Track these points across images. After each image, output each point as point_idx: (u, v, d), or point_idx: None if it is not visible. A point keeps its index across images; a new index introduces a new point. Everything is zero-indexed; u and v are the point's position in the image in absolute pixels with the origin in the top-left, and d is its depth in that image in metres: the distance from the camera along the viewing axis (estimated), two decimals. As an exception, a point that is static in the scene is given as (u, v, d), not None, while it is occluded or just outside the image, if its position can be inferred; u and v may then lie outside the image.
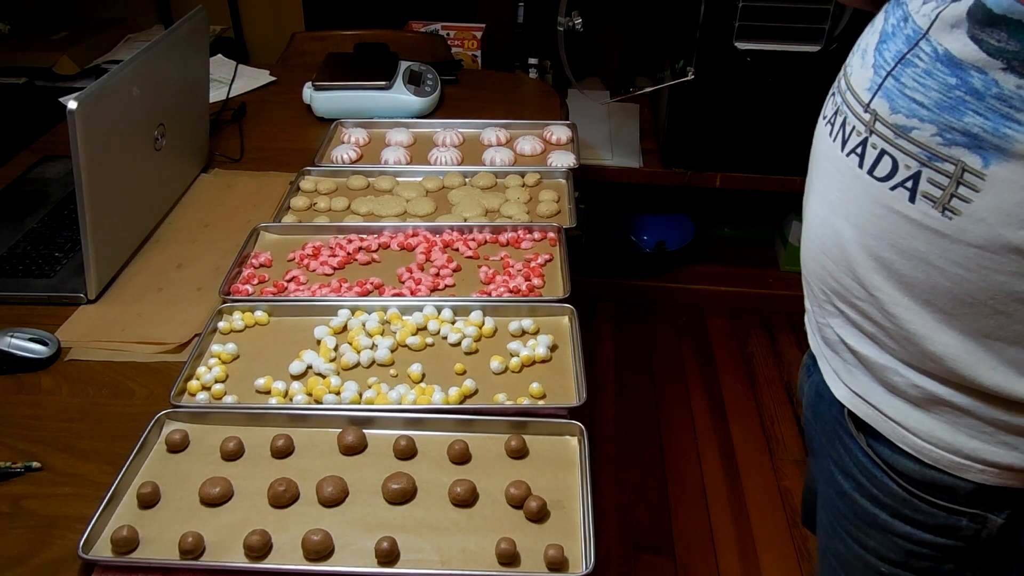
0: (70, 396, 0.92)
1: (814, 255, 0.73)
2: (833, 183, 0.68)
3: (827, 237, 0.69)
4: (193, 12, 1.28)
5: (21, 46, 2.23)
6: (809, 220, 0.74)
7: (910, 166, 0.61)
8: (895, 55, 0.62)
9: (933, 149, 0.59)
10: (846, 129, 0.67)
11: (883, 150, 0.63)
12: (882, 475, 0.72)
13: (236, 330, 1.00)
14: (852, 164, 0.66)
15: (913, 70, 0.60)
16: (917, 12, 0.61)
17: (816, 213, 0.71)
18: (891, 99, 0.62)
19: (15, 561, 0.73)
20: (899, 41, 0.62)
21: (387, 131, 1.48)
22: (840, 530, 0.79)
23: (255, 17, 2.52)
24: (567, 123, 1.48)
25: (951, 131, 0.58)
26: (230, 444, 0.83)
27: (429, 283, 1.07)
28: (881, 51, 0.64)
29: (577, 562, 0.72)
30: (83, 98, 0.96)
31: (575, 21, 1.95)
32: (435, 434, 0.85)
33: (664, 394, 2.15)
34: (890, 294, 0.65)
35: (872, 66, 0.64)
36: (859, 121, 0.65)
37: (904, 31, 0.61)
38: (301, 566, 0.72)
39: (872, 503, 0.74)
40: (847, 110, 0.67)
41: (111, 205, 1.07)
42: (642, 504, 1.85)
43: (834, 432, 0.78)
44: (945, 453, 0.68)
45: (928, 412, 0.68)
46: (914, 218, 0.61)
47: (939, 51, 0.58)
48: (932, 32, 0.59)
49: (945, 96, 0.58)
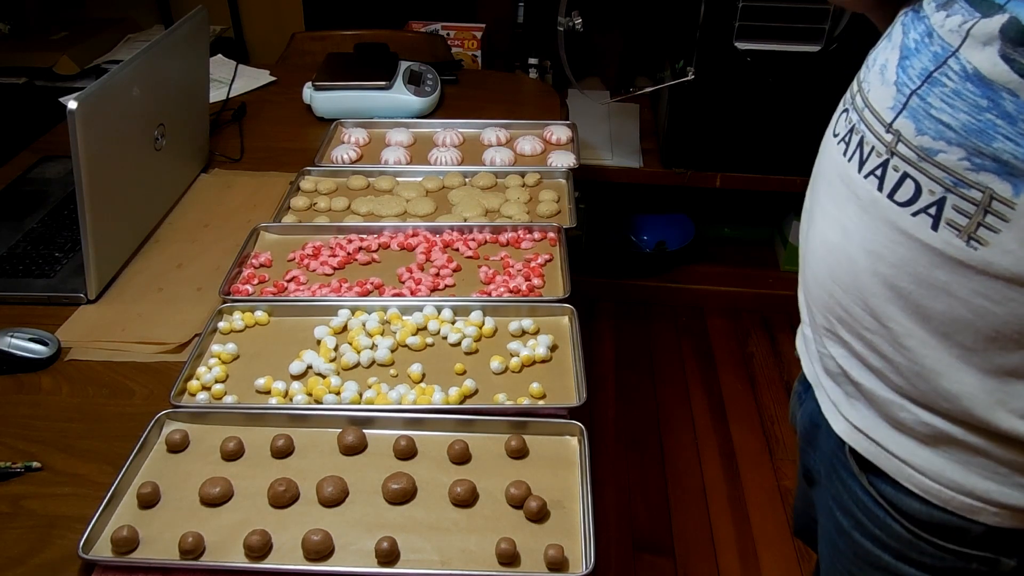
0: (70, 396, 0.92)
1: (820, 281, 0.69)
2: (847, 206, 0.64)
3: (837, 263, 0.66)
4: (193, 12, 1.28)
5: (21, 46, 2.23)
6: (814, 243, 0.69)
7: (934, 191, 0.57)
8: (920, 73, 0.58)
9: (960, 174, 0.56)
10: (864, 149, 0.63)
11: (905, 173, 0.59)
12: (885, 516, 0.69)
13: (236, 330, 1.00)
14: (870, 187, 0.62)
15: (940, 89, 0.57)
16: (942, 27, 0.57)
17: (824, 237, 0.67)
18: (917, 120, 0.58)
19: (15, 561, 0.73)
20: (924, 58, 0.58)
21: (387, 131, 1.48)
22: (840, 567, 0.76)
23: (255, 17, 2.52)
24: (567, 123, 1.48)
25: (980, 156, 0.54)
26: (230, 444, 0.83)
27: (429, 283, 1.07)
28: (904, 68, 0.60)
29: (577, 562, 0.72)
30: (83, 98, 0.96)
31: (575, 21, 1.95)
32: (435, 434, 0.85)
33: (664, 394, 2.15)
34: (905, 326, 0.62)
35: (895, 84, 0.61)
36: (879, 141, 0.61)
37: (930, 48, 0.58)
38: (301, 566, 0.72)
39: (874, 544, 0.70)
40: (865, 129, 0.63)
41: (111, 205, 1.07)
42: (642, 504, 1.85)
43: (831, 466, 0.74)
44: (955, 494, 0.64)
45: (937, 450, 0.64)
46: (936, 247, 0.58)
47: (968, 70, 0.55)
48: (963, 49, 0.55)
49: (974, 118, 0.55)
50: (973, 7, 0.55)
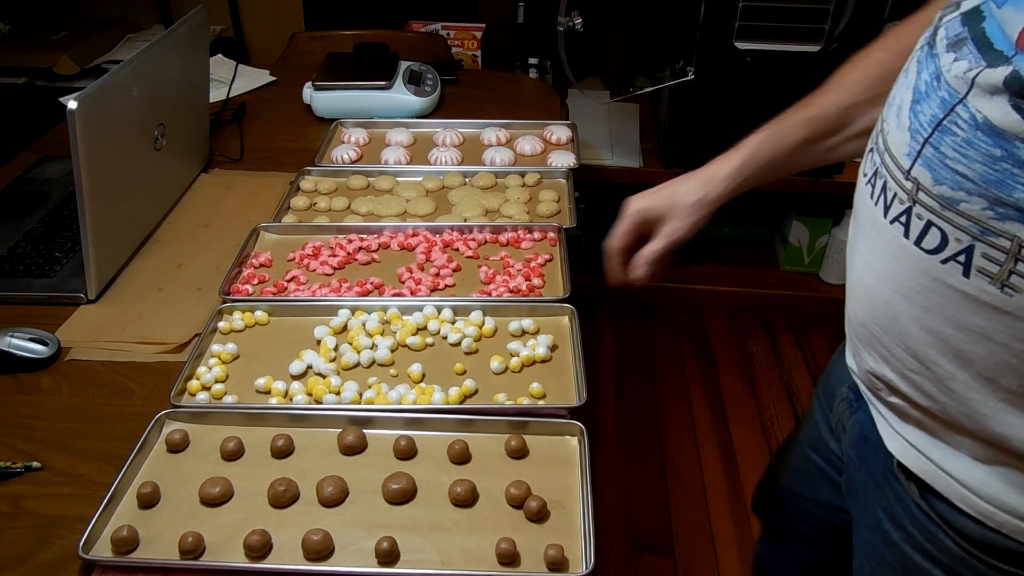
0: (70, 396, 0.92)
1: (861, 320, 0.67)
2: (878, 250, 0.63)
3: (875, 306, 0.64)
4: (193, 12, 1.28)
5: (21, 46, 2.24)
6: (854, 282, 0.68)
7: (961, 240, 0.55)
8: (931, 120, 0.57)
9: (985, 223, 0.54)
10: (887, 194, 0.61)
11: (930, 221, 0.57)
12: (937, 531, 0.67)
13: (236, 330, 1.00)
14: (897, 233, 0.60)
15: (952, 139, 0.55)
16: (948, 71, 0.56)
17: (861, 278, 0.66)
18: (932, 169, 0.56)
19: (15, 561, 0.73)
20: (934, 104, 0.57)
21: (387, 131, 1.48)
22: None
23: (255, 17, 2.52)
24: (567, 123, 1.48)
25: (1003, 205, 0.53)
26: (230, 444, 0.83)
27: (429, 283, 1.07)
28: (916, 112, 0.59)
29: (577, 562, 0.72)
30: (83, 98, 0.96)
31: (575, 21, 1.95)
32: (435, 434, 0.85)
33: (664, 394, 2.15)
34: (947, 369, 0.60)
35: (908, 129, 0.59)
36: (900, 188, 0.59)
37: (938, 92, 0.57)
38: (301, 566, 0.72)
39: (925, 558, 0.69)
40: (887, 174, 0.61)
41: (111, 205, 1.07)
42: (642, 504, 1.85)
43: (884, 479, 0.73)
44: (1010, 518, 0.62)
45: (993, 471, 0.62)
46: (971, 293, 0.56)
47: (978, 119, 0.53)
48: (970, 98, 0.54)
49: (991, 169, 0.53)
50: (981, 54, 0.54)
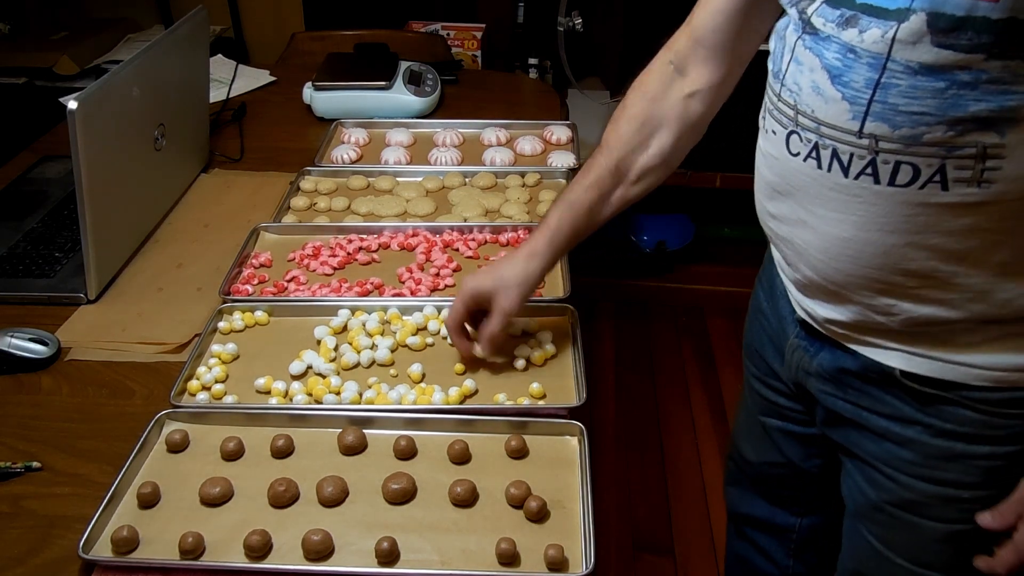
0: (70, 396, 0.92)
1: (845, 269, 0.73)
2: (850, 205, 0.69)
3: (861, 251, 0.70)
4: (193, 12, 1.28)
5: (21, 46, 2.23)
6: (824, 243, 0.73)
7: (932, 164, 0.64)
8: (867, 83, 0.64)
9: (949, 142, 0.62)
10: (841, 158, 0.68)
11: (898, 161, 0.65)
12: (955, 409, 0.75)
13: (236, 330, 1.00)
14: (866, 184, 0.67)
15: (896, 90, 0.63)
16: (862, 42, 0.63)
17: (836, 235, 0.71)
18: (888, 120, 0.64)
19: (15, 561, 0.73)
20: (861, 71, 0.64)
21: (387, 131, 1.48)
22: (908, 476, 0.80)
23: (255, 17, 2.51)
24: (567, 123, 1.48)
25: (960, 123, 0.61)
26: (230, 444, 0.82)
27: (429, 283, 1.07)
28: (844, 84, 0.66)
29: (577, 562, 0.72)
30: (83, 98, 0.96)
31: (575, 21, 1.95)
32: (435, 434, 0.85)
33: (664, 394, 2.15)
34: (948, 270, 0.68)
35: (843, 99, 0.66)
36: (855, 147, 0.67)
37: (860, 61, 0.64)
38: (301, 566, 0.72)
39: (946, 438, 0.76)
40: (832, 142, 0.68)
41: (111, 205, 1.07)
42: (642, 504, 1.85)
43: (877, 395, 0.79)
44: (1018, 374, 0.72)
45: (998, 345, 0.72)
46: (954, 202, 0.65)
47: (913, 66, 0.61)
48: (895, 54, 0.62)
49: (941, 99, 0.61)
50: (881, 18, 0.62)
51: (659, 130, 0.91)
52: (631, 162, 0.92)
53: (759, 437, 1.03)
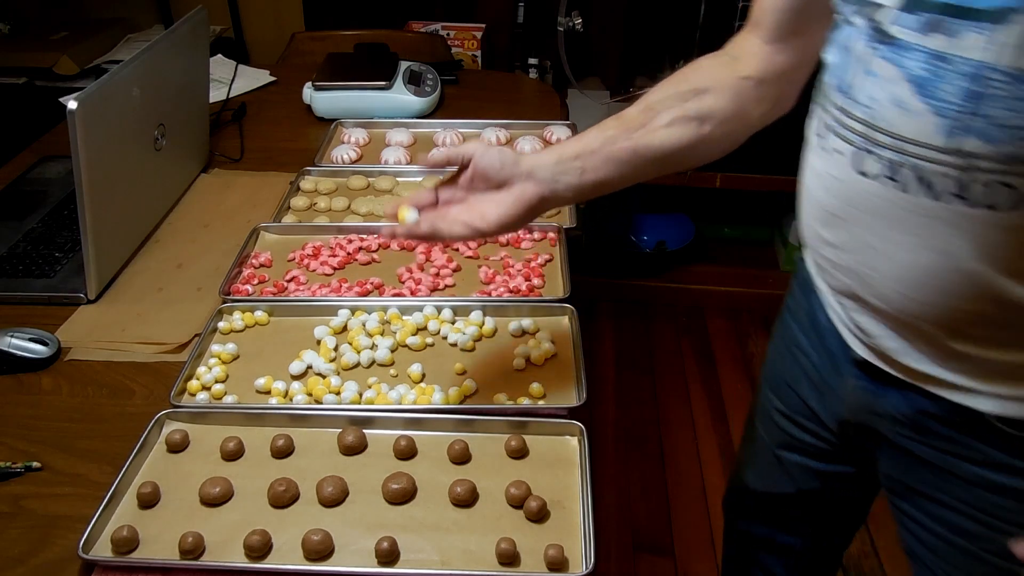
0: (70, 396, 0.92)
1: (925, 301, 0.68)
2: (933, 230, 0.64)
3: (945, 282, 0.66)
4: (193, 12, 1.28)
5: (21, 46, 2.23)
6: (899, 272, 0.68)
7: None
8: (961, 93, 0.58)
9: None
10: (925, 177, 0.63)
11: (990, 181, 0.60)
12: None
13: (236, 330, 1.00)
14: (955, 206, 0.62)
15: (994, 102, 0.57)
16: (955, 48, 0.58)
17: (915, 263, 0.67)
18: (985, 134, 0.58)
19: (15, 561, 0.73)
20: (952, 81, 0.58)
21: (387, 131, 1.48)
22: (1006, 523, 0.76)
23: (255, 17, 2.52)
24: (567, 123, 1.48)
25: None
26: (230, 444, 0.82)
27: (429, 283, 1.07)
28: (932, 95, 0.60)
29: (577, 562, 0.72)
30: (83, 98, 0.96)
31: (575, 21, 1.95)
32: (435, 434, 0.85)
33: (664, 394, 2.15)
34: None
35: (931, 113, 0.60)
36: (943, 165, 0.61)
37: (951, 70, 0.58)
38: (301, 566, 0.72)
39: None
40: (914, 160, 0.63)
41: (111, 205, 1.07)
42: (642, 504, 1.85)
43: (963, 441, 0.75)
44: None
45: None
46: None
47: (1016, 75, 0.55)
48: (993, 61, 0.56)
49: None
50: (973, 20, 0.56)
51: (704, 94, 0.79)
52: (664, 107, 0.80)
53: (770, 467, 0.99)
